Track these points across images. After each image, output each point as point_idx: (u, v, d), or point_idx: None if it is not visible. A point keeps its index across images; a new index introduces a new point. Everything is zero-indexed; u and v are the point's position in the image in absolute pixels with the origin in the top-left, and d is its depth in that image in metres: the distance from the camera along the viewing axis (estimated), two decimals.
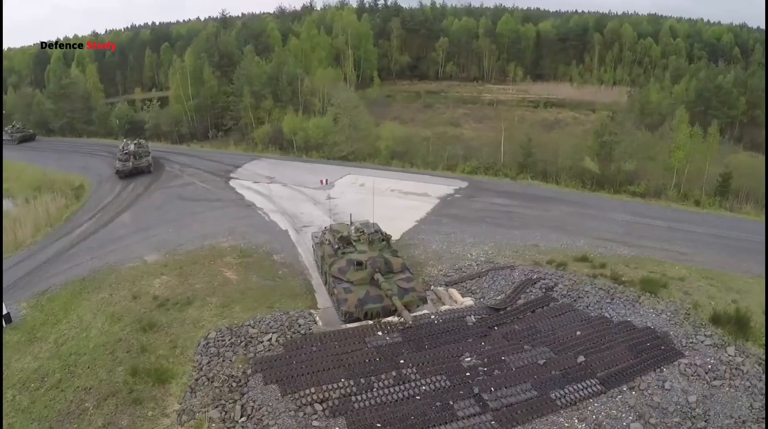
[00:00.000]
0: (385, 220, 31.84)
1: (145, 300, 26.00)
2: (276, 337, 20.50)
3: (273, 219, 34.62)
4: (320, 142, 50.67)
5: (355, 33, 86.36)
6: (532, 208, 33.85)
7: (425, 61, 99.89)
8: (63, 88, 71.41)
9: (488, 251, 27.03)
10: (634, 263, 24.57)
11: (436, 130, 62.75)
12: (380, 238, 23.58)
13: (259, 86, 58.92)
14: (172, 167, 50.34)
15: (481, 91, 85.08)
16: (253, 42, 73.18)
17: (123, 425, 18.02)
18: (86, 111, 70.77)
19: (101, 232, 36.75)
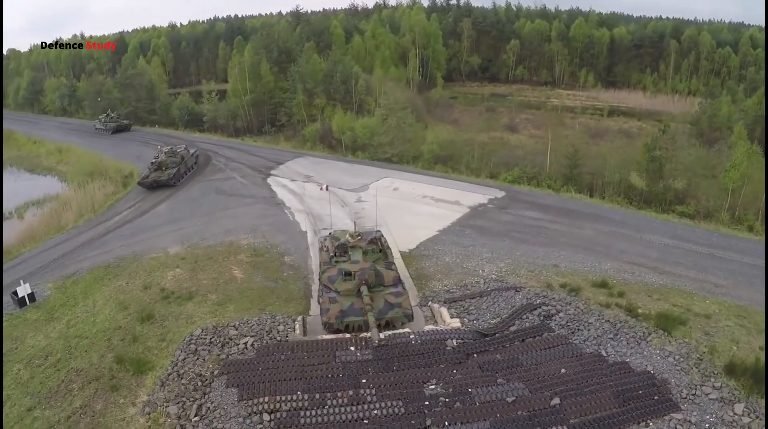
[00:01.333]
0: (406, 228, 30.89)
1: (154, 291, 26.47)
2: (252, 341, 20.34)
3: (297, 219, 34.22)
4: (366, 143, 49.87)
5: (423, 32, 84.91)
6: (565, 224, 31.42)
7: (496, 63, 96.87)
8: (128, 78, 74.59)
9: (502, 269, 25.19)
10: (658, 293, 22.01)
11: (493, 135, 60.64)
12: (375, 248, 22.35)
13: (312, 83, 58.95)
14: (218, 161, 51.27)
15: (549, 96, 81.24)
16: (315, 39, 73.46)
17: (96, 409, 18.65)
18: (150, 101, 73.61)
19: (137, 220, 37.87)
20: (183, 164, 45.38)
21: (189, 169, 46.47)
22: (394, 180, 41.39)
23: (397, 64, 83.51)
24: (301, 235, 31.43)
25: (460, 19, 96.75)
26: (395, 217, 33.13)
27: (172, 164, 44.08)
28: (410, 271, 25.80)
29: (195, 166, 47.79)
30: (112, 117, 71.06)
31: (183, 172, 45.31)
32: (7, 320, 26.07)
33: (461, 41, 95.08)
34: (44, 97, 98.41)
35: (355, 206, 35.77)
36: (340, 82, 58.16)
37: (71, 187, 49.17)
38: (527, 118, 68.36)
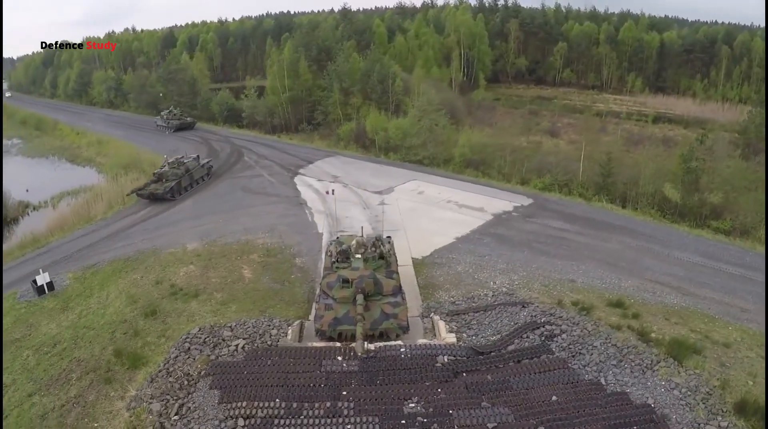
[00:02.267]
0: (424, 234, 30.08)
1: (164, 286, 26.77)
2: (244, 343, 20.10)
3: (315, 220, 33.90)
4: (399, 144, 49.10)
5: (468, 32, 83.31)
6: (590, 236, 29.83)
7: (543, 65, 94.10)
8: (171, 72, 76.04)
9: (514, 282, 24.03)
10: (677, 317, 20.45)
11: (532, 139, 58.89)
12: (377, 255, 21.62)
13: (349, 82, 58.56)
14: (250, 157, 51.63)
15: (595, 100, 78.09)
16: (356, 38, 73.10)
17: (89, 400, 19.00)
18: (191, 96, 74.69)
19: (162, 215, 38.39)
20: (187, 177, 42.22)
21: (195, 181, 43.31)
22: (420, 183, 40.54)
23: (441, 64, 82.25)
24: (317, 237, 31.03)
25: (508, 19, 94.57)
26: (414, 222, 32.36)
27: (172, 177, 40.81)
28: (419, 280, 24.97)
29: (207, 177, 44.84)
30: (175, 114, 67.88)
31: (186, 185, 42.09)
32: (25, 307, 26.94)
33: (508, 42, 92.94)
34: (92, 89, 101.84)
35: (376, 209, 35.12)
36: (376, 81, 57.56)
37: (106, 179, 50.45)
38: (570, 122, 65.95)
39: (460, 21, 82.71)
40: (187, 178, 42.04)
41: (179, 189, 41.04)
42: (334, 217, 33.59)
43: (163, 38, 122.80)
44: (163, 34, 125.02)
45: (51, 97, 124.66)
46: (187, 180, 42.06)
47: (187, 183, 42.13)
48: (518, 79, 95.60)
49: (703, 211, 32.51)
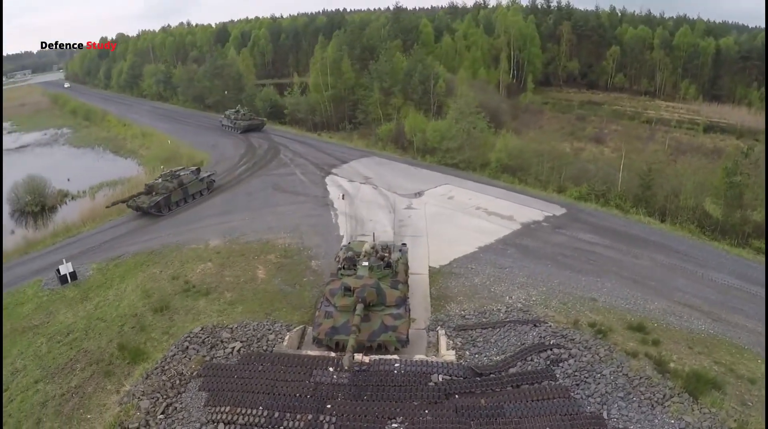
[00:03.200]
0: (446, 242, 29.08)
1: (179, 282, 26.89)
2: (240, 347, 19.91)
3: (339, 222, 33.37)
4: (436, 146, 48.03)
5: (519, 34, 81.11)
6: (621, 251, 28.04)
7: (595, 69, 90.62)
8: (217, 68, 77.04)
9: (532, 297, 22.76)
10: (702, 345, 18.76)
11: (576, 145, 56.79)
12: (382, 264, 20.80)
13: (390, 82, 57.80)
14: (286, 155, 51.62)
15: (647, 106, 74.41)
16: (402, 37, 72.23)
17: (87, 391, 19.30)
18: (237, 91, 75.38)
19: (192, 209, 38.76)
20: (180, 191, 38.65)
21: (191, 196, 39.73)
22: (452, 188, 39.40)
23: (489, 66, 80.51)
24: (337, 240, 30.46)
25: (560, 21, 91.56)
26: (439, 229, 31.35)
27: (162, 190, 37.60)
28: (432, 290, 24.00)
29: (207, 191, 41.08)
30: (243, 113, 62.91)
31: (177, 200, 38.61)
32: (48, 295, 27.72)
33: (560, 45, 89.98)
34: (142, 81, 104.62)
35: (402, 213, 34.29)
36: (418, 81, 56.60)
37: (145, 171, 51.50)
38: (617, 129, 63.06)
39: (510, 22, 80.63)
40: (179, 193, 38.49)
41: (168, 204, 37.76)
42: (347, 221, 33.07)
43: (216, 33, 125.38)
44: (217, 29, 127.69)
45: (104, 88, 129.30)
46: (179, 195, 38.50)
47: (180, 198, 38.58)
48: (570, 83, 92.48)
49: (746, 230, 30.10)
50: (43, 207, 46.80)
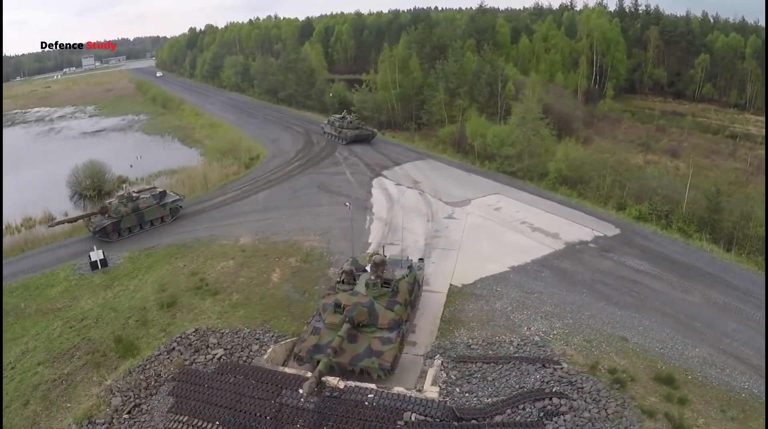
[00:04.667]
0: (477, 258, 27.15)
1: (196, 279, 26.70)
2: (222, 354, 19.31)
3: (371, 227, 32.06)
4: (495, 152, 45.43)
5: (602, 37, 75.99)
6: (670, 283, 24.72)
7: (683, 78, 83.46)
8: (290, 62, 77.39)
9: (554, 330, 20.36)
10: (738, 409, 15.86)
11: (650, 158, 52.29)
12: (379, 282, 19.15)
13: (456, 83, 55.48)
14: (341, 153, 50.77)
15: (734, 120, 67.31)
16: (477, 37, 69.39)
17: (76, 380, 19.62)
18: (308, 86, 75.35)
19: (233, 204, 38.87)
20: (134, 217, 33.88)
21: (147, 222, 34.73)
22: (502, 198, 36.95)
23: (569, 70, 76.08)
24: (363, 247, 29.11)
25: (648, 26, 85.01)
26: (474, 242, 29.25)
27: (114, 213, 33.05)
28: (445, 312, 22.08)
29: (170, 217, 35.61)
30: (350, 121, 54.07)
31: (131, 226, 33.99)
32: (77, 280, 28.52)
33: (647, 51, 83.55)
34: (222, 72, 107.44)
35: (441, 223, 32.39)
36: (484, 83, 53.97)
37: (203, 162, 52.35)
38: (698, 142, 57.45)
39: (594, 24, 75.70)
40: (132, 219, 33.81)
41: (118, 229, 33.29)
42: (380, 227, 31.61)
43: (300, 27, 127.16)
44: (301, 23, 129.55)
45: (189, 77, 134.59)
46: (132, 220, 33.83)
47: (133, 223, 33.95)
48: (656, 92, 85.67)
49: None
50: (99, 191, 48.38)
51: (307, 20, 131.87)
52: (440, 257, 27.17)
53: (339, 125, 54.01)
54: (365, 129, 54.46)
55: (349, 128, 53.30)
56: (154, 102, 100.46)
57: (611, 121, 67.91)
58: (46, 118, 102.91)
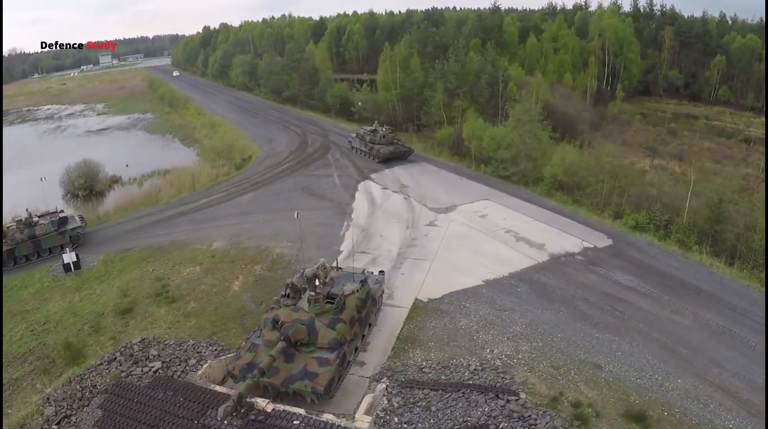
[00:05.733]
0: (451, 270, 25.65)
1: (159, 285, 25.75)
2: (158, 367, 18.40)
3: (346, 234, 30.64)
4: (491, 156, 43.60)
5: (615, 38, 73.41)
6: (659, 302, 22.81)
7: (699, 80, 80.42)
8: (294, 61, 76.20)
9: (519, 354, 18.72)
10: None
11: (657, 163, 50.05)
12: (321, 297, 17.68)
13: (455, 83, 53.67)
14: (334, 155, 49.46)
15: (749, 124, 64.45)
16: (483, 36, 67.37)
17: (22, 386, 19.17)
18: (311, 86, 74.02)
19: (216, 206, 37.95)
20: (29, 244, 30.84)
21: (45, 250, 31.46)
22: (491, 204, 35.23)
23: (579, 70, 73.77)
24: (334, 254, 27.62)
25: (662, 26, 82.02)
26: (451, 253, 27.62)
27: (10, 240, 30.17)
28: (404, 329, 20.57)
29: (70, 246, 30.92)
30: (383, 134, 46.15)
31: (26, 253, 30.93)
32: (50, 282, 27.86)
33: (661, 52, 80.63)
34: (231, 71, 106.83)
35: (420, 230, 30.82)
36: (485, 84, 52.06)
37: (197, 163, 51.51)
38: (710, 147, 54.79)
39: (606, 24, 73.18)
40: (28, 246, 30.78)
41: (12, 257, 30.32)
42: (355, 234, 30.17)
43: (313, 26, 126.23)
44: (314, 23, 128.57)
45: (201, 75, 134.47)
46: (28, 248, 30.77)
47: (29, 251, 30.86)
48: (671, 94, 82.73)
49: None
50: (91, 191, 47.81)
51: (320, 20, 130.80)
52: (411, 268, 25.65)
53: (370, 140, 46.53)
54: (401, 145, 46.74)
55: (382, 144, 45.86)
56: (162, 101, 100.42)
57: (621, 123, 65.64)
58: (55, 115, 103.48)
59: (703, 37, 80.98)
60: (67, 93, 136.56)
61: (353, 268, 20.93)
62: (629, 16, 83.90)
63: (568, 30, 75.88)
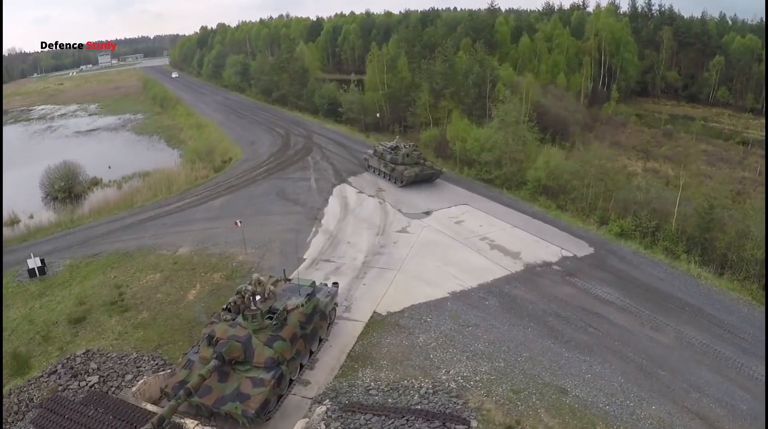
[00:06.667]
0: (416, 281, 24.31)
1: (117, 293, 24.84)
2: (95, 382, 17.58)
3: (313, 241, 29.38)
4: (474, 158, 42.11)
5: (611, 37, 71.70)
6: (640, 317, 21.33)
7: (697, 81, 78.55)
8: (283, 61, 74.85)
9: (478, 375, 17.40)
10: None
11: (650, 165, 48.47)
12: (259, 313, 16.32)
13: (441, 83, 52.14)
14: (314, 157, 48.08)
15: (748, 125, 62.63)
16: (473, 36, 65.75)
17: None
18: (300, 86, 72.68)
19: (188, 210, 36.81)
20: None
21: None
22: (469, 209, 33.87)
23: (574, 71, 72.05)
24: (297, 263, 26.47)
25: (661, 27, 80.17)
26: (419, 262, 26.26)
27: None
28: (357, 346, 19.26)
29: None
30: (406, 153, 38.13)
31: None
32: (14, 287, 26.94)
33: (660, 52, 78.75)
34: (224, 71, 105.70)
35: (390, 237, 29.44)
36: (472, 84, 50.52)
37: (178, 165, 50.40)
38: (706, 149, 53.09)
39: (602, 24, 71.48)
40: None
41: None
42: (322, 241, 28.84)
43: (309, 26, 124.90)
44: (310, 23, 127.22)
45: (197, 75, 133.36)
46: None
47: None
48: (669, 95, 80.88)
49: None
50: (70, 193, 46.77)
51: (317, 20, 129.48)
52: (375, 278, 24.32)
53: (391, 159, 38.56)
54: (428, 166, 38.75)
55: (406, 164, 37.87)
56: (154, 101, 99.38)
57: (615, 125, 63.98)
58: (48, 116, 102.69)
59: (702, 38, 79.19)
60: (63, 93, 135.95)
61: (300, 280, 19.48)
62: (627, 16, 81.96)
63: (563, 29, 74.03)
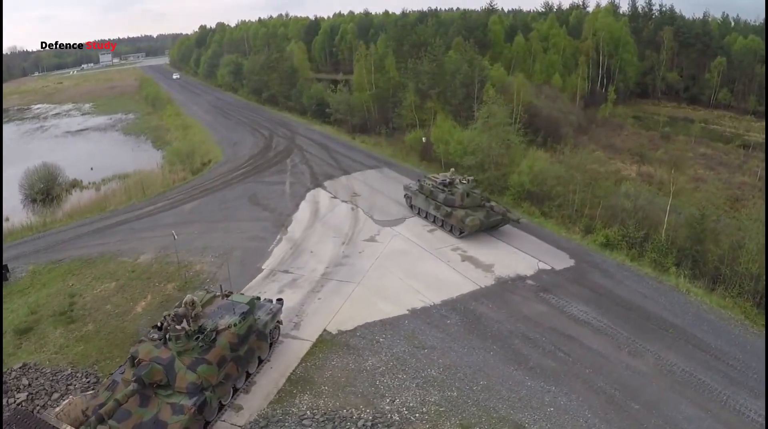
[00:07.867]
0: (375, 296, 22.80)
1: (67, 302, 23.69)
2: (23, 400, 16.53)
3: (275, 250, 27.91)
4: (457, 162, 40.53)
5: (609, 38, 70.02)
6: (616, 340, 19.65)
7: (698, 82, 76.72)
8: (272, 61, 73.67)
9: (426, 405, 16.01)
10: None
11: (645, 169, 46.86)
12: (183, 334, 14.90)
13: (428, 83, 50.60)
14: (293, 160, 46.72)
15: (749, 128, 60.82)
16: (465, 35, 64.14)
17: None
18: (289, 86, 71.37)
19: (158, 214, 35.64)
20: None
21: None
22: None
23: (571, 71, 70.50)
24: (255, 273, 25.16)
25: (661, 27, 78.32)
26: (382, 274, 24.71)
27: None
28: (299, 368, 17.84)
29: None
30: (465, 192, 28.47)
31: None
32: None
33: (660, 53, 76.91)
34: (218, 71, 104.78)
35: (356, 246, 27.89)
36: (459, 84, 48.99)
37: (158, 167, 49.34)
38: (705, 152, 51.37)
39: (601, 24, 69.76)
40: None
41: None
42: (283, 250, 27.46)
43: (306, 26, 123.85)
44: (307, 22, 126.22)
45: (194, 75, 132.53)
46: None
47: None
48: (670, 96, 79.05)
49: None
50: (48, 195, 45.80)
51: (315, 19, 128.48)
52: (331, 292, 22.87)
53: (446, 200, 28.83)
54: (494, 209, 28.26)
55: (467, 208, 28.21)
56: (146, 101, 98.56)
57: (612, 127, 62.44)
58: (42, 115, 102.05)
59: (703, 38, 77.33)
60: (61, 92, 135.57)
61: (237, 297, 18.04)
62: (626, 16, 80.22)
63: (560, 29, 72.40)
